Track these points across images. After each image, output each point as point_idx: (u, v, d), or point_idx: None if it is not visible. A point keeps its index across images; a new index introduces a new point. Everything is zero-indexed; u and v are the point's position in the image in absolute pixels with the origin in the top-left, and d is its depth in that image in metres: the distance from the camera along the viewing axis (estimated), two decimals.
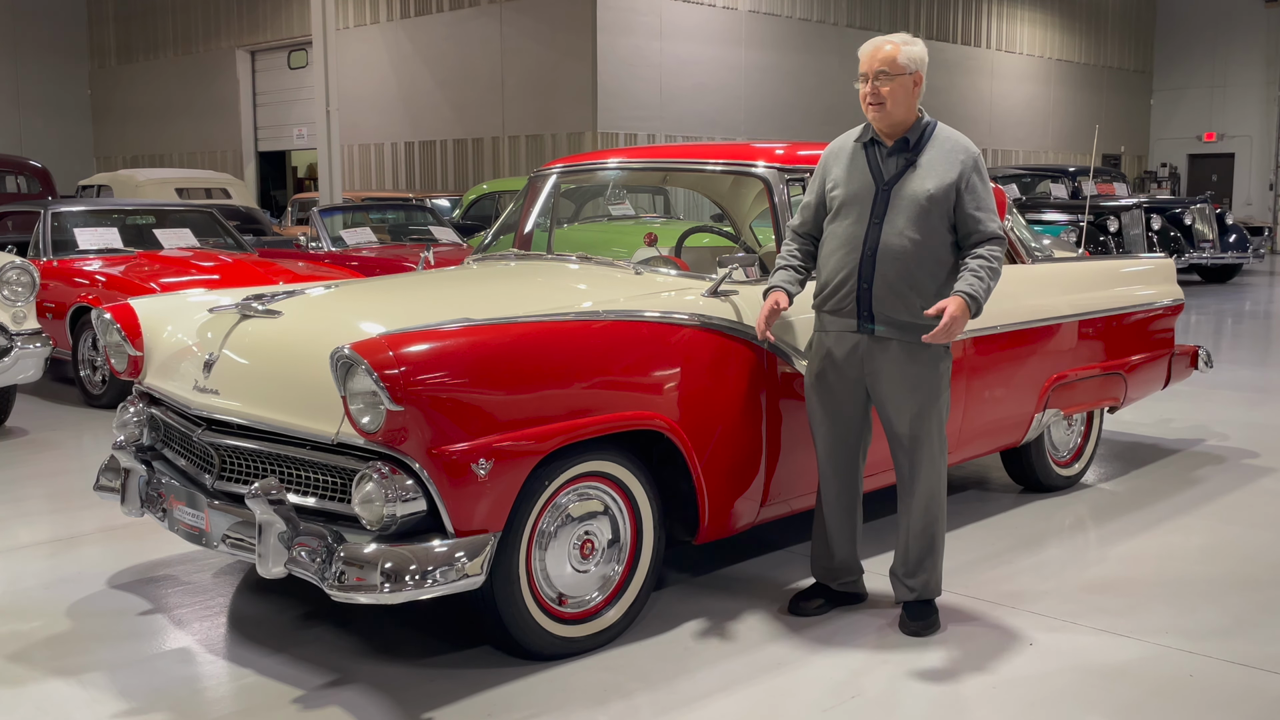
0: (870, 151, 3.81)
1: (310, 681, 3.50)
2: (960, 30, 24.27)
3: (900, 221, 3.70)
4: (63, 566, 4.59)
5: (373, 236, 10.56)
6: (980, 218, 3.71)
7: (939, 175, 3.70)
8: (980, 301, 3.64)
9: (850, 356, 3.81)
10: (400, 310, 3.90)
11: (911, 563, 3.88)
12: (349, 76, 19.47)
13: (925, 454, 3.81)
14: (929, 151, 3.74)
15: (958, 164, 3.71)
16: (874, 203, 3.74)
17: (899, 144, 3.77)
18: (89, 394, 7.93)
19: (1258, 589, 4.33)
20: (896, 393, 3.77)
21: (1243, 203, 28.96)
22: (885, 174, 3.76)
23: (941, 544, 3.91)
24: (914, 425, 3.78)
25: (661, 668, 3.59)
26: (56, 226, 8.67)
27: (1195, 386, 7.78)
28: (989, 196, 3.74)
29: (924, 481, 3.83)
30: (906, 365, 3.74)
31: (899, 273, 3.70)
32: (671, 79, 18.81)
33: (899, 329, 3.73)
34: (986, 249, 3.70)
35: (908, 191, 3.71)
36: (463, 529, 3.27)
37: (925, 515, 3.85)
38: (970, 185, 3.71)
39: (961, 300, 3.61)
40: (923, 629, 3.85)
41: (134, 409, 4.17)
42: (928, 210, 3.69)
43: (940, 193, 3.69)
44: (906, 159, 3.75)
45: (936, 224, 3.71)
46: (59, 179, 17.77)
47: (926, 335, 3.62)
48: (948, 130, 3.80)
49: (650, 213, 11.49)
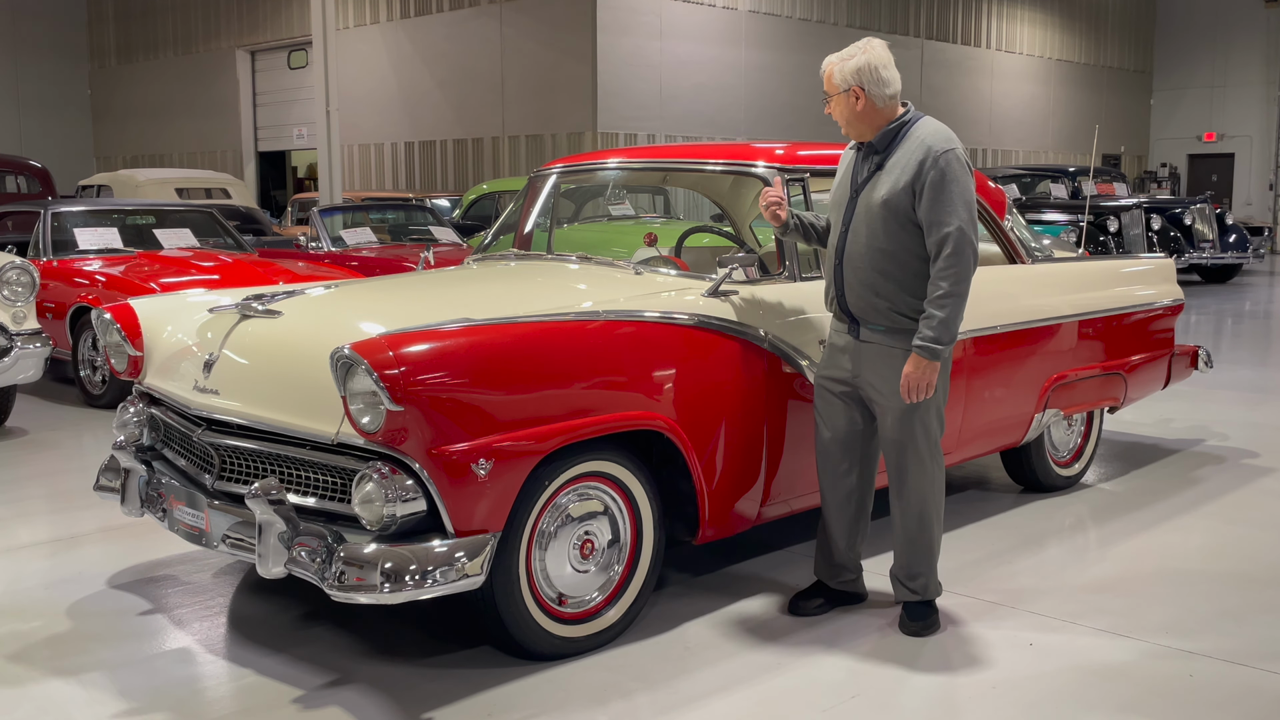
0: (857, 154, 3.84)
1: (310, 681, 3.50)
2: (960, 30, 24.26)
3: (862, 229, 3.71)
4: (63, 566, 4.59)
5: (373, 236, 10.56)
6: (934, 220, 3.56)
7: (894, 179, 3.63)
8: (941, 343, 3.55)
9: (845, 358, 3.84)
10: (400, 310, 3.90)
11: (908, 565, 3.88)
12: (349, 76, 19.48)
13: (913, 457, 3.79)
14: (896, 154, 3.67)
15: (914, 165, 3.60)
16: (845, 209, 3.77)
17: (868, 149, 3.76)
18: (89, 394, 7.93)
19: (1258, 589, 4.34)
20: (883, 395, 3.76)
21: (1243, 203, 28.97)
22: (858, 179, 3.77)
23: (937, 546, 3.90)
24: (900, 429, 3.76)
25: (661, 668, 3.59)
26: (56, 226, 8.67)
27: (1195, 386, 7.78)
28: (948, 193, 3.55)
29: (913, 485, 3.81)
30: (890, 368, 3.73)
31: (863, 280, 3.71)
32: (671, 79, 18.81)
33: (879, 332, 3.74)
34: (937, 269, 3.56)
35: (870, 198, 3.70)
36: (463, 529, 3.27)
37: (918, 520, 3.84)
38: (929, 183, 3.56)
39: (916, 357, 3.58)
40: (922, 629, 3.85)
41: (134, 409, 4.17)
42: (885, 217, 3.64)
43: (895, 198, 3.62)
44: (875, 163, 3.73)
45: (897, 230, 3.64)
46: (59, 179, 17.78)
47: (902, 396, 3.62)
48: (923, 128, 3.68)
49: (650, 213, 11.49)
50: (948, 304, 3.55)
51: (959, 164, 3.60)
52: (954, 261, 3.54)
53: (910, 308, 3.68)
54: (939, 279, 3.56)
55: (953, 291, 3.55)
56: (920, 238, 3.64)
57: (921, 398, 3.63)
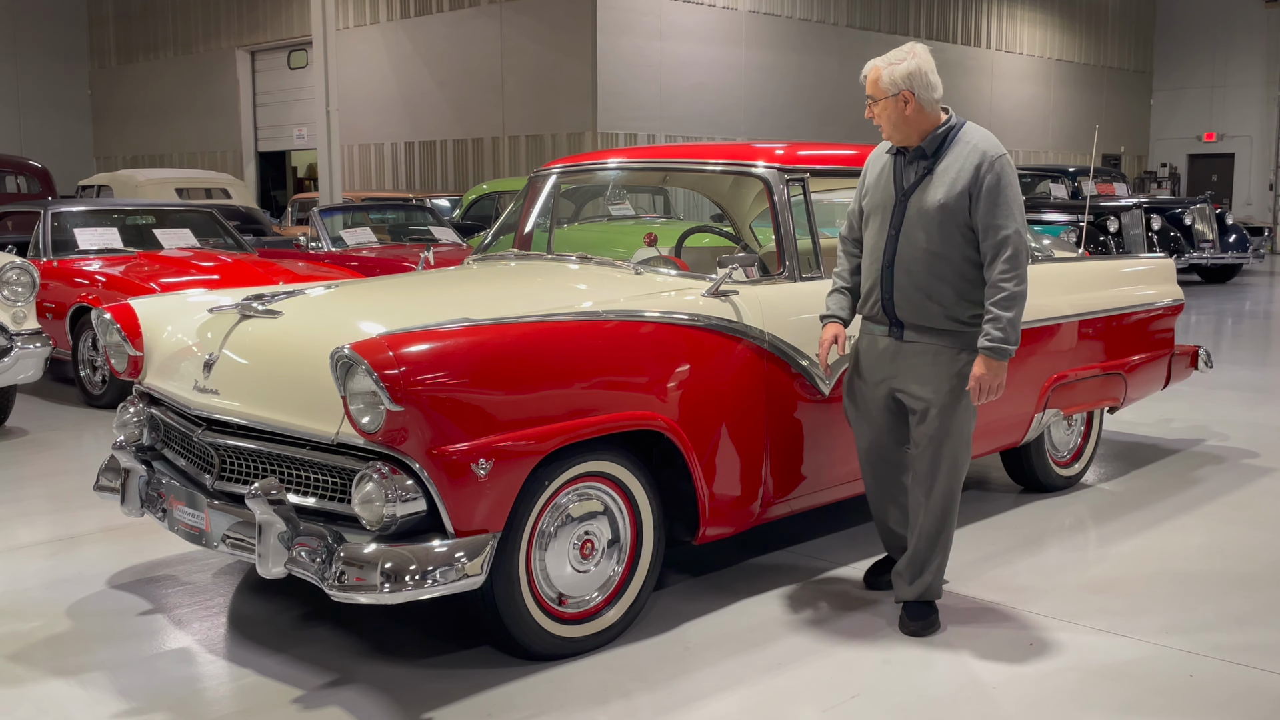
0: (896, 160, 3.85)
1: (310, 681, 3.50)
2: (960, 30, 24.26)
3: (915, 232, 3.73)
4: (63, 566, 4.59)
5: (373, 236, 10.56)
6: (991, 223, 3.64)
7: (951, 184, 3.68)
8: (1006, 345, 3.63)
9: (882, 359, 3.88)
10: (400, 310, 3.90)
11: (918, 563, 3.89)
12: (349, 76, 19.48)
13: (946, 457, 3.83)
14: (946, 158, 3.72)
15: (971, 170, 3.66)
16: (892, 213, 3.79)
17: (915, 154, 3.78)
18: (89, 394, 7.93)
19: (1258, 589, 4.34)
20: (921, 395, 3.81)
21: (1243, 203, 28.97)
22: (904, 183, 3.79)
23: (949, 547, 3.92)
24: (938, 428, 3.80)
25: (661, 668, 3.59)
26: (56, 226, 8.67)
27: (1195, 386, 7.78)
28: (1004, 198, 3.65)
29: (942, 484, 3.85)
30: (932, 368, 3.79)
31: (915, 284, 3.75)
32: (671, 79, 18.81)
33: (924, 333, 3.78)
34: (997, 272, 3.63)
35: (922, 202, 3.73)
36: (463, 529, 3.27)
37: (939, 518, 3.87)
38: (984, 189, 3.64)
39: (987, 359, 3.66)
40: (922, 629, 3.86)
41: (134, 409, 4.17)
42: (942, 220, 3.69)
43: (953, 202, 3.67)
44: (924, 168, 3.76)
45: (952, 233, 3.70)
46: (59, 179, 17.78)
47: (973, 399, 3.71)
48: (972, 133, 3.75)
49: (650, 213, 11.50)
50: (1013, 305, 3.64)
51: (1010, 169, 3.70)
52: (1014, 264, 3.63)
53: (962, 311, 3.74)
54: (1001, 281, 3.63)
55: (1016, 293, 3.64)
56: (971, 241, 3.70)
57: (991, 399, 3.71)
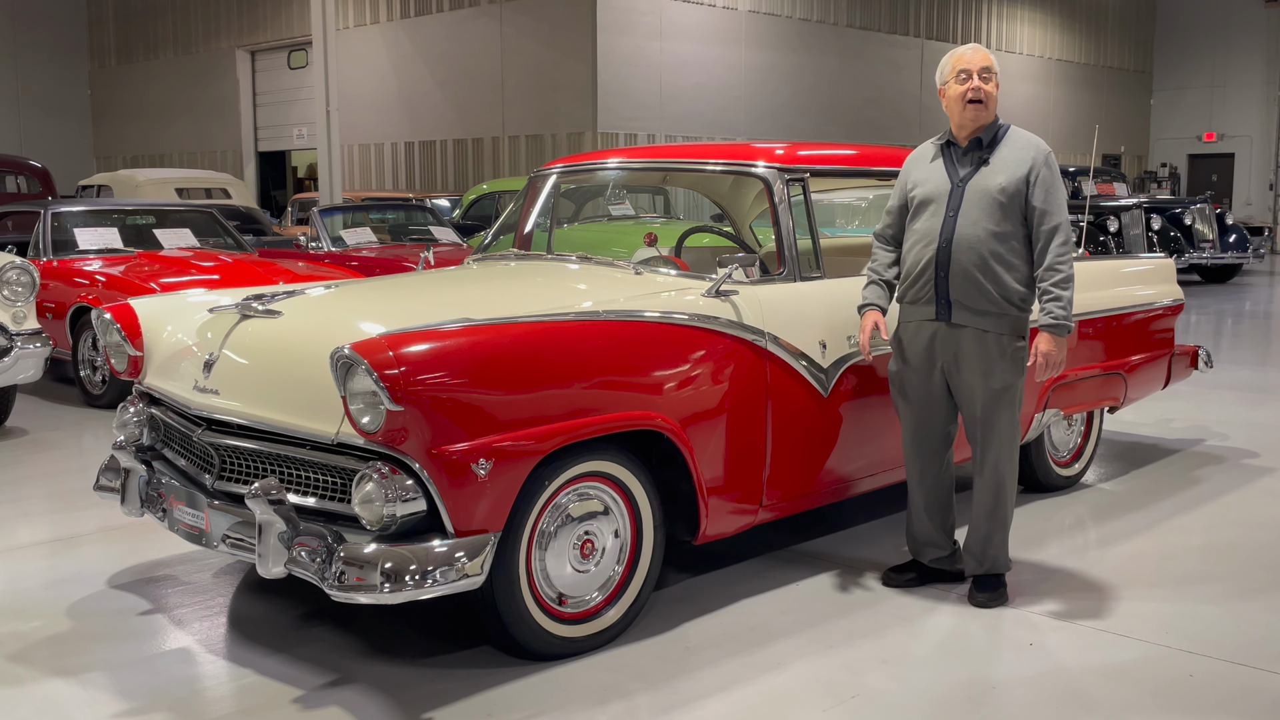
0: (947, 153, 4.09)
1: (310, 681, 3.50)
2: (960, 30, 24.26)
3: (975, 214, 3.95)
4: (63, 566, 4.59)
5: (373, 236, 10.56)
6: (1047, 209, 3.92)
7: (1010, 170, 3.94)
8: (1067, 322, 3.90)
9: (930, 345, 4.04)
10: (400, 310, 3.90)
11: (981, 539, 4.08)
12: (349, 76, 19.47)
13: (996, 437, 4.02)
14: (1001, 149, 4.00)
15: (1028, 159, 3.95)
16: (950, 197, 3.99)
17: (973, 143, 4.02)
18: (89, 394, 7.93)
19: (1257, 589, 4.33)
20: (971, 377, 3.98)
21: (1243, 203, 28.97)
22: (960, 171, 4.03)
23: (1009, 522, 4.12)
24: (986, 409, 3.99)
25: (661, 668, 3.59)
26: (56, 226, 8.67)
27: (1195, 386, 7.78)
28: (1056, 189, 3.95)
29: (993, 463, 4.05)
30: (981, 351, 3.95)
31: (974, 261, 3.93)
32: (671, 79, 18.81)
33: (975, 315, 3.94)
34: (1053, 255, 3.89)
35: (982, 186, 3.96)
36: (463, 529, 3.27)
37: (995, 496, 4.06)
38: (1040, 178, 3.93)
39: (1052, 336, 3.90)
40: (990, 600, 4.06)
41: (134, 409, 4.17)
42: (1001, 203, 3.93)
43: (1013, 186, 3.93)
44: (980, 157, 4.01)
45: (1009, 215, 3.94)
46: (59, 179, 17.77)
47: (1037, 375, 3.95)
48: (1022, 132, 4.06)
49: (650, 213, 11.49)
50: (1069, 286, 3.91)
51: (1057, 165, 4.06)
52: (1067, 249, 3.92)
53: (1013, 293, 3.95)
54: (1056, 265, 3.90)
55: (1070, 275, 3.91)
56: (1023, 225, 3.96)
57: (1053, 374, 3.98)
